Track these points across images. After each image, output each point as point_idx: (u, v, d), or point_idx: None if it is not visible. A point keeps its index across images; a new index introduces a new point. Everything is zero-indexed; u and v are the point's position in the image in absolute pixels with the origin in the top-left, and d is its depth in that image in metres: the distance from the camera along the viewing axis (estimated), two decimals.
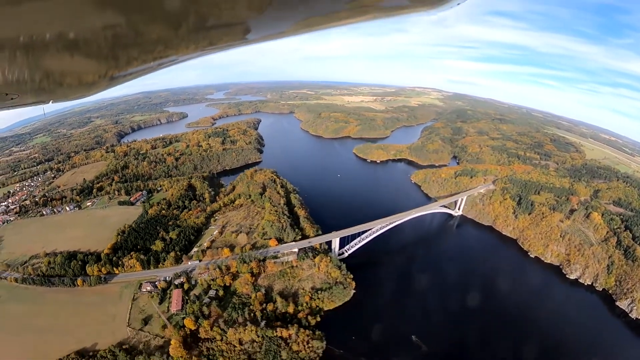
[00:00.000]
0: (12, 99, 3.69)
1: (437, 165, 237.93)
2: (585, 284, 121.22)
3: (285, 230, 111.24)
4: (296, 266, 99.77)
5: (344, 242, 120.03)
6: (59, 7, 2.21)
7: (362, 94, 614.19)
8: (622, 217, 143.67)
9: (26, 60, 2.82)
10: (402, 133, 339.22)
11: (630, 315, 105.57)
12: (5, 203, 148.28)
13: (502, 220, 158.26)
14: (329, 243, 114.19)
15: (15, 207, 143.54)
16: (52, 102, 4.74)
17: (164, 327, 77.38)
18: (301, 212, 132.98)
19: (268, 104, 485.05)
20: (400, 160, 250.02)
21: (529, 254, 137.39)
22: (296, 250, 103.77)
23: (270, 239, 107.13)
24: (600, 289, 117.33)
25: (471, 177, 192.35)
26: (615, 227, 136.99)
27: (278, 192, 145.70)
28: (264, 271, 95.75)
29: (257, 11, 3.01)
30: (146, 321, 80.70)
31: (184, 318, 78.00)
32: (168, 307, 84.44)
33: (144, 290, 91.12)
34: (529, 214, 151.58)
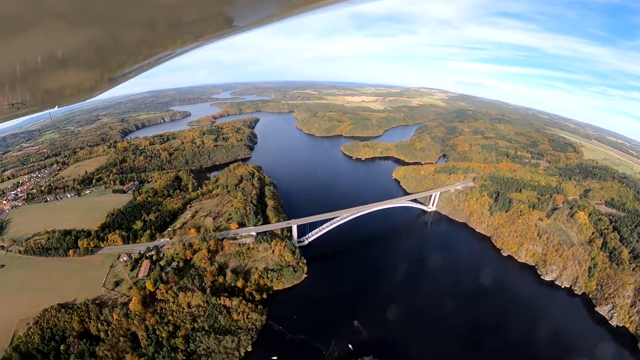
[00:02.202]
0: (18, 108, 4.23)
1: (423, 162, 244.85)
2: (563, 286, 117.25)
3: (248, 216, 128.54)
4: (253, 248, 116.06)
5: (307, 230, 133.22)
6: (41, 33, 2.53)
7: (366, 94, 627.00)
8: (611, 217, 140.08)
9: (25, 84, 3.46)
10: (397, 132, 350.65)
11: (610, 322, 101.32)
12: (15, 192, 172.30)
13: (476, 217, 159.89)
14: (292, 230, 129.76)
15: (23, 195, 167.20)
16: (58, 107, 5.54)
17: (130, 288, 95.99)
18: (270, 202, 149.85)
19: (269, 104, 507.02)
20: (386, 158, 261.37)
21: (501, 252, 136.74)
22: (254, 233, 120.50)
23: (232, 222, 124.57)
24: (580, 293, 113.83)
25: (449, 174, 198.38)
26: (603, 227, 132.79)
27: (252, 184, 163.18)
28: (222, 250, 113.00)
29: (224, 3, 3.19)
30: (117, 283, 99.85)
31: (146, 281, 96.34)
32: (137, 273, 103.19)
33: (121, 260, 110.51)
34: (506, 212, 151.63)
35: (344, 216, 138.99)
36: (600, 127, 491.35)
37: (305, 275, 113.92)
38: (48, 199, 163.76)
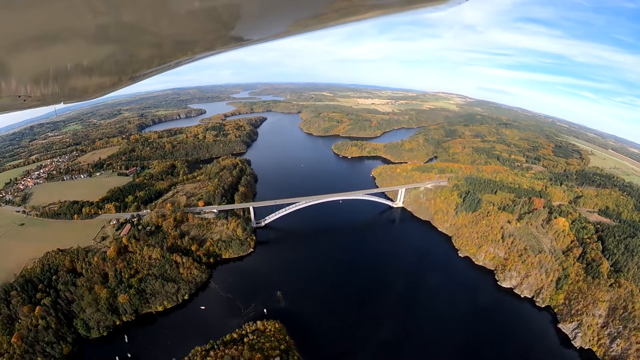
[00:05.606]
0: (24, 100, 4.42)
1: (409, 163, 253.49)
2: (522, 296, 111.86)
3: (214, 197, 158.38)
4: (212, 222, 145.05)
5: (265, 213, 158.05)
6: (71, 47, 3.21)
7: (380, 97, 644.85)
8: (600, 226, 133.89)
9: (57, 83, 4.03)
10: (397, 134, 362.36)
11: (573, 342, 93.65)
12: (37, 172, 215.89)
13: (440, 216, 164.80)
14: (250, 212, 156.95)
15: (44, 175, 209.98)
16: (64, 104, 5.74)
17: (111, 242, 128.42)
18: (242, 189, 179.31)
19: (280, 104, 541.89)
20: (374, 157, 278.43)
21: (458, 253, 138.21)
22: (215, 211, 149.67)
23: (200, 200, 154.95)
24: (543, 306, 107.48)
25: (422, 172, 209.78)
26: (585, 236, 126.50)
27: (231, 174, 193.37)
28: (187, 221, 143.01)
29: (230, 26, 3.57)
30: (104, 238, 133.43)
31: (123, 238, 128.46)
32: (120, 233, 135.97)
33: (111, 223, 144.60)
34: (472, 212, 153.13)
35: (300, 203, 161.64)
36: (625, 138, 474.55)
37: (252, 250, 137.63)
38: (65, 179, 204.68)
